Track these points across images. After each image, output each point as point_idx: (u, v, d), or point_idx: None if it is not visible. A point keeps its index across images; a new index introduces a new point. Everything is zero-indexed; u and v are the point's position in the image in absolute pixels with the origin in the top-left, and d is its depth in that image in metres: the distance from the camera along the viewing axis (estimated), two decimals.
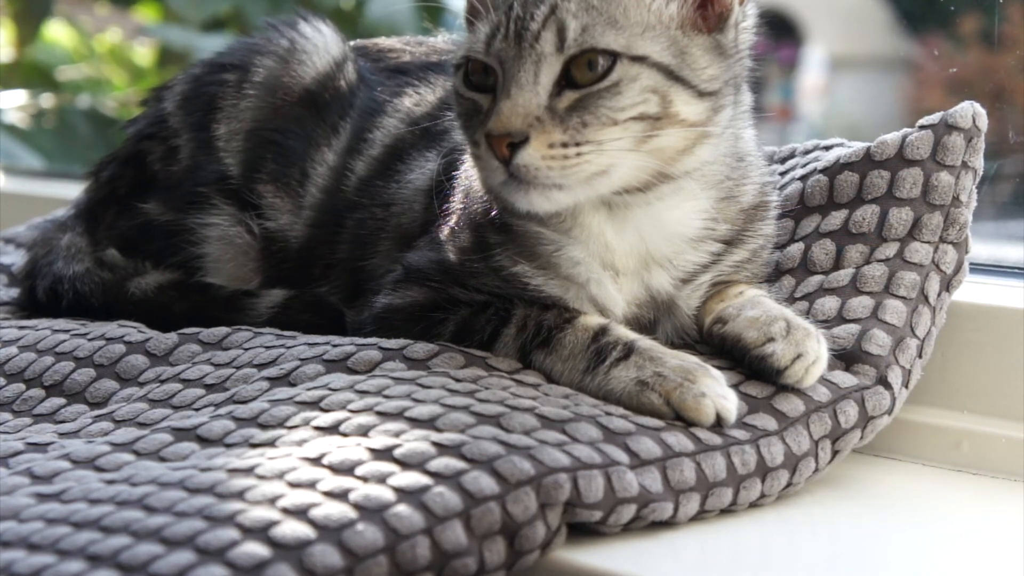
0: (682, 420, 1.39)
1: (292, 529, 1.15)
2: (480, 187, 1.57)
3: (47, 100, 4.34)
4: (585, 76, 1.42)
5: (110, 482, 1.29)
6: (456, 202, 1.64)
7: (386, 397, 1.38)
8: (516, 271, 1.55)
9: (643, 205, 1.51)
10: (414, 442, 1.28)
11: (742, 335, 1.49)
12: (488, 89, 1.47)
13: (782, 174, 1.79)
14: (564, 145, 1.40)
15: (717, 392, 1.40)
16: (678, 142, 1.45)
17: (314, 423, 1.35)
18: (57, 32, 4.48)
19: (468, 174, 1.63)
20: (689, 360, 1.43)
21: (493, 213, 1.56)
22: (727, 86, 1.49)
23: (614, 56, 1.42)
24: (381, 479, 1.22)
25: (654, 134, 1.43)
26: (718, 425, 1.39)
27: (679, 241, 1.55)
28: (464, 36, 1.54)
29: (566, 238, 1.53)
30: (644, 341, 1.46)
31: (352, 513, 1.18)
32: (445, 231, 1.63)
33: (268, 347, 1.61)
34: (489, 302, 1.56)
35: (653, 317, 1.58)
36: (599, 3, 1.43)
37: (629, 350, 1.44)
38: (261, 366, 1.56)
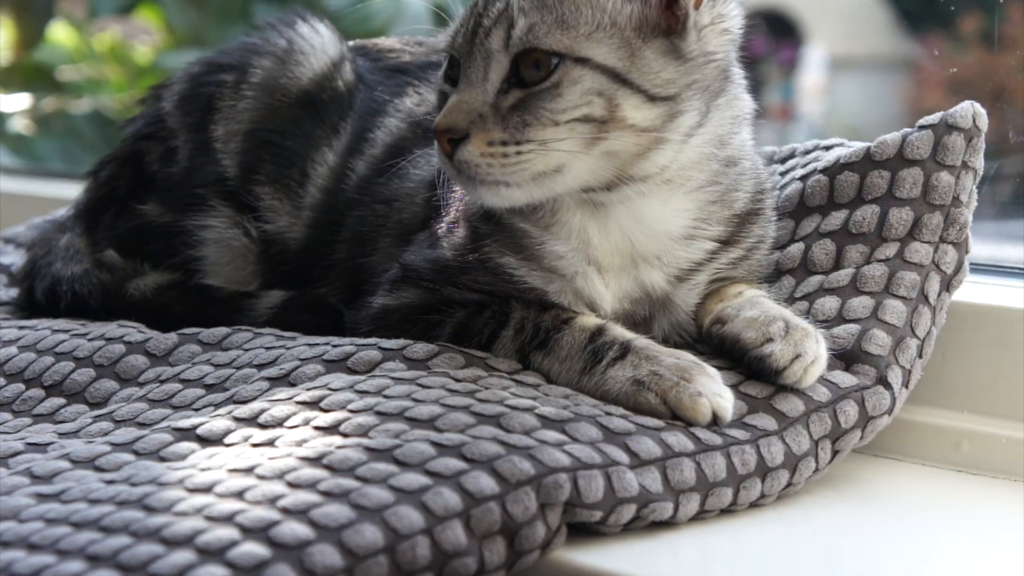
0: (679, 419, 1.39)
1: (292, 529, 1.15)
2: None
3: (49, 104, 4.33)
4: (532, 76, 1.42)
5: (110, 482, 1.29)
6: (455, 197, 1.64)
7: (386, 397, 1.38)
8: (502, 262, 1.55)
9: (620, 203, 1.51)
10: (414, 442, 1.28)
11: (741, 335, 1.49)
12: (455, 82, 1.48)
13: (782, 174, 1.79)
14: (504, 143, 1.41)
15: (713, 391, 1.40)
16: (630, 147, 1.44)
17: (314, 423, 1.35)
18: (57, 32, 4.47)
19: None
20: (685, 358, 1.43)
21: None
22: (688, 91, 1.46)
23: (559, 56, 1.42)
24: (381, 479, 1.22)
25: (602, 137, 1.42)
26: (714, 424, 1.39)
27: (666, 239, 1.55)
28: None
29: (547, 233, 1.54)
30: (640, 341, 1.46)
31: (352, 513, 1.18)
32: (443, 227, 1.63)
33: (268, 347, 1.61)
34: (484, 303, 1.56)
35: (648, 313, 1.58)
36: (552, 1, 1.43)
37: (625, 350, 1.44)
38: (261, 366, 1.56)
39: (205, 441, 1.37)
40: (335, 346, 1.55)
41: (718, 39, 1.49)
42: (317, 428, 1.35)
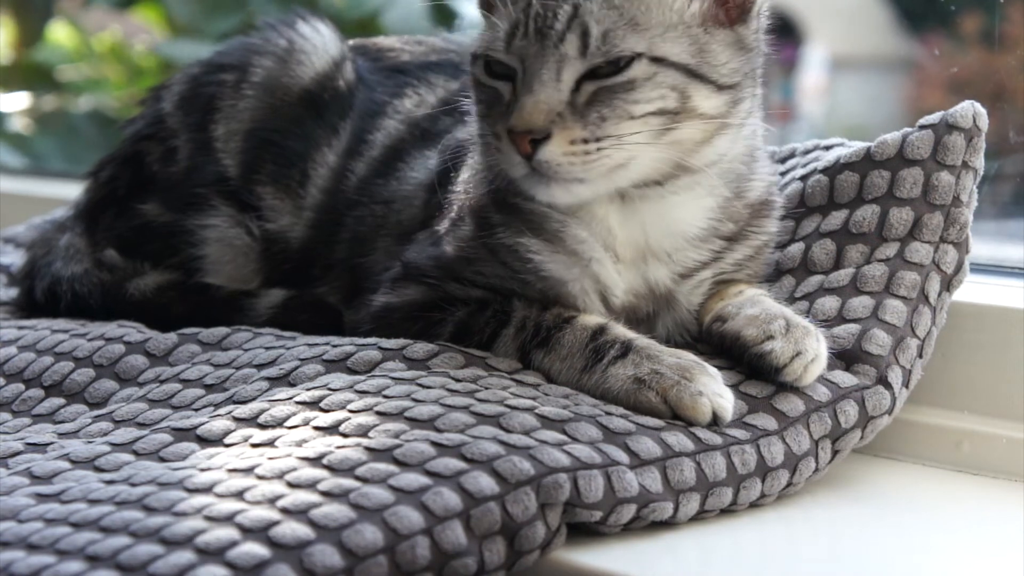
0: (679, 418, 1.39)
1: (292, 529, 1.15)
2: (487, 170, 1.56)
3: (49, 103, 4.33)
4: (605, 68, 1.43)
5: (109, 482, 1.29)
6: (457, 194, 1.64)
7: (386, 397, 1.38)
8: (521, 242, 1.54)
9: (655, 199, 1.52)
10: (414, 442, 1.28)
11: (741, 332, 1.49)
12: (509, 77, 1.47)
13: (782, 174, 1.79)
14: (585, 141, 1.41)
15: (714, 390, 1.40)
16: (696, 134, 1.46)
17: (314, 423, 1.35)
18: (57, 31, 4.47)
19: (471, 164, 1.63)
20: (687, 358, 1.43)
21: (497, 191, 1.55)
22: (747, 78, 1.51)
23: (633, 56, 1.43)
24: (381, 479, 1.22)
25: (673, 127, 1.44)
26: (714, 424, 1.39)
27: (681, 239, 1.56)
28: (486, 28, 1.52)
29: (571, 218, 1.54)
30: (642, 340, 1.46)
31: (352, 513, 1.18)
32: (445, 224, 1.63)
33: (268, 347, 1.60)
34: (487, 300, 1.56)
35: (653, 310, 1.58)
36: (621, 2, 1.44)
37: (627, 348, 1.44)
38: (261, 366, 1.56)
39: (205, 441, 1.37)
40: (335, 346, 1.55)
41: (763, 27, 1.54)
42: (317, 428, 1.34)
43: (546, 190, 1.45)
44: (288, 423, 1.37)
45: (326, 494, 1.20)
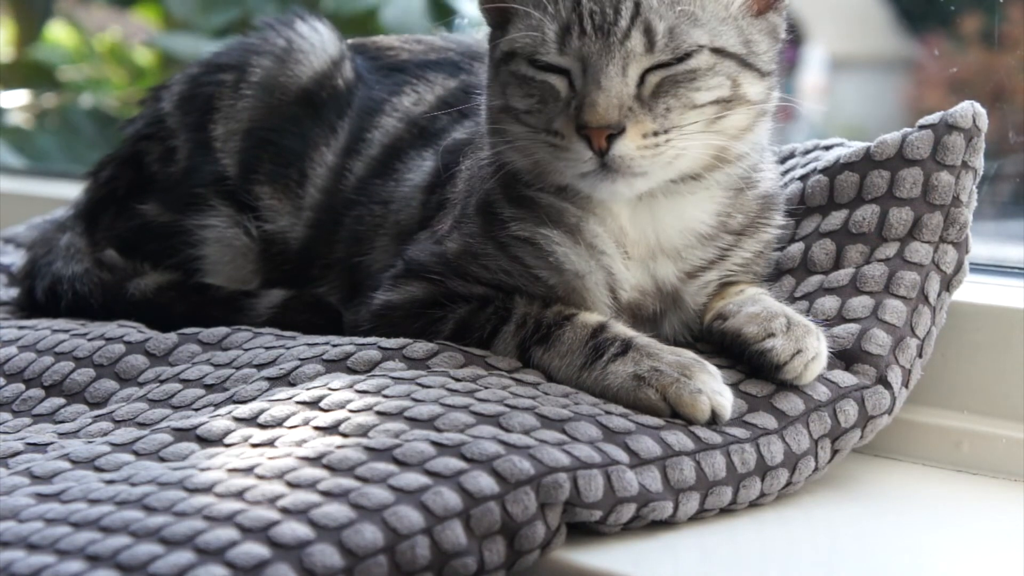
0: (678, 416, 1.39)
1: (292, 529, 1.15)
2: (490, 167, 1.56)
3: (49, 100, 4.34)
4: (666, 58, 1.44)
5: (110, 482, 1.29)
6: (459, 193, 1.64)
7: (386, 397, 1.38)
8: (543, 232, 1.54)
9: (672, 196, 1.53)
10: (414, 442, 1.28)
11: (742, 330, 1.49)
12: (559, 72, 1.47)
13: (782, 174, 1.79)
14: (655, 133, 1.43)
15: (713, 388, 1.40)
16: (742, 120, 1.49)
17: (314, 423, 1.35)
18: (57, 31, 4.48)
19: (475, 163, 1.63)
20: (686, 356, 1.43)
21: (507, 186, 1.55)
22: (777, 65, 1.55)
23: (697, 48, 1.45)
24: (381, 479, 1.22)
25: (724, 114, 1.47)
26: (713, 422, 1.39)
27: (691, 236, 1.56)
28: (519, 28, 1.50)
29: (586, 212, 1.54)
30: (642, 338, 1.46)
31: (352, 513, 1.18)
32: (448, 222, 1.63)
33: (268, 347, 1.60)
34: (489, 297, 1.56)
35: (660, 309, 1.58)
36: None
37: (626, 346, 1.45)
38: (261, 366, 1.56)
39: (205, 441, 1.37)
40: (335, 346, 1.55)
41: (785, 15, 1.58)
42: (317, 428, 1.34)
43: (610, 186, 1.45)
44: (288, 423, 1.37)
45: (326, 494, 1.20)
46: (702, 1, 1.47)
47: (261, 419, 1.39)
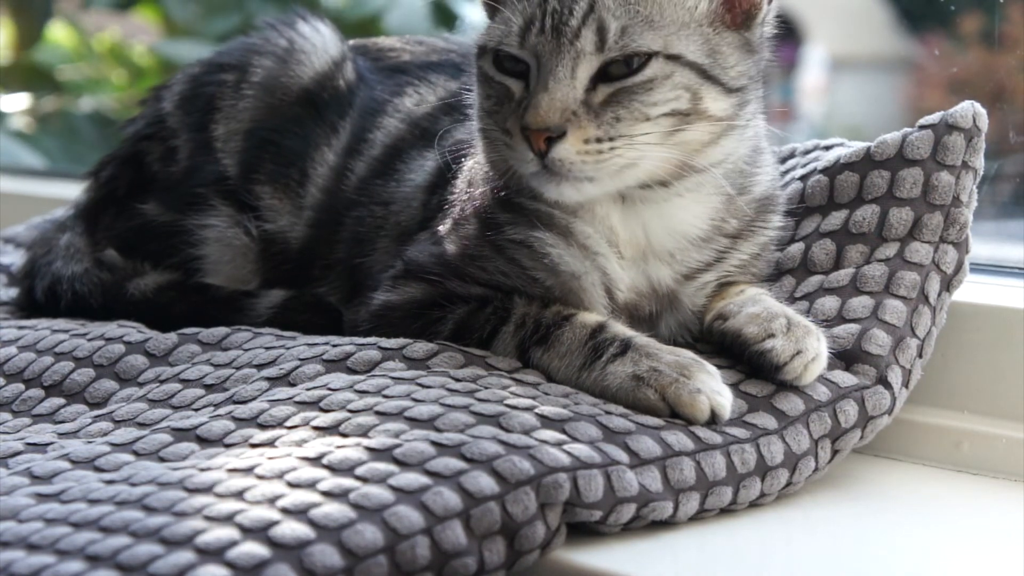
0: (677, 416, 1.39)
1: (292, 529, 1.15)
2: (492, 169, 1.57)
3: (50, 103, 4.33)
4: (620, 70, 1.44)
5: (109, 482, 1.29)
6: (459, 194, 1.64)
7: (386, 397, 1.38)
8: (536, 235, 1.54)
9: (657, 202, 1.53)
10: (414, 442, 1.28)
11: (742, 330, 1.49)
12: (519, 75, 1.48)
13: (782, 174, 1.79)
14: (598, 140, 1.42)
15: (712, 388, 1.40)
16: (702, 136, 1.47)
17: (314, 423, 1.35)
18: (57, 32, 4.47)
19: (474, 164, 1.63)
20: (685, 356, 1.43)
21: (503, 193, 1.56)
22: (752, 81, 1.52)
23: (652, 53, 1.44)
24: (381, 479, 1.22)
25: (682, 128, 1.45)
26: (712, 422, 1.39)
27: (683, 239, 1.56)
28: (495, 21, 1.52)
29: (573, 217, 1.55)
30: (641, 338, 1.46)
31: (352, 513, 1.18)
32: (447, 223, 1.63)
33: (268, 347, 1.60)
34: (488, 298, 1.56)
35: (656, 310, 1.58)
36: (636, 0, 1.44)
37: (626, 346, 1.45)
38: (261, 366, 1.56)
39: (205, 441, 1.37)
40: (335, 346, 1.55)
41: (768, 30, 1.55)
42: (317, 428, 1.34)
43: (556, 188, 1.45)
44: (288, 423, 1.37)
45: (326, 494, 1.20)
46: (660, 5, 1.45)
47: (261, 419, 1.39)
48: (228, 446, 1.35)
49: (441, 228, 1.63)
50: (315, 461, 1.26)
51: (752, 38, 1.52)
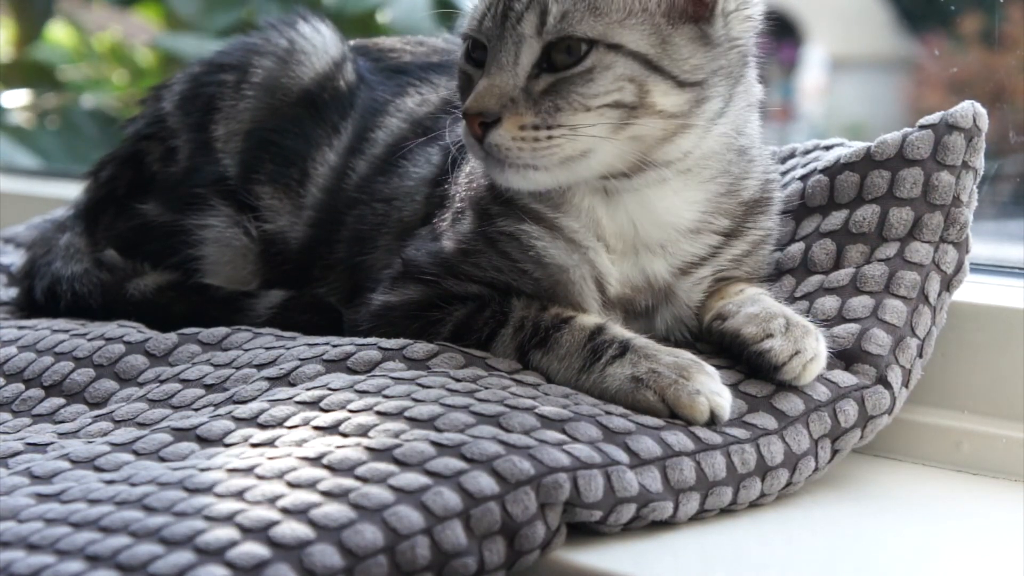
0: (677, 417, 1.39)
1: (292, 529, 1.15)
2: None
3: (50, 100, 4.34)
4: (563, 60, 1.44)
5: (109, 482, 1.29)
6: (459, 187, 1.64)
7: (386, 397, 1.38)
8: (524, 228, 1.55)
9: (632, 191, 1.53)
10: (414, 442, 1.28)
11: (741, 330, 1.49)
12: (481, 65, 1.49)
13: (782, 174, 1.79)
14: (536, 128, 1.42)
15: (711, 389, 1.40)
16: (656, 131, 1.46)
17: (314, 423, 1.35)
18: (57, 31, 4.48)
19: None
20: (684, 357, 1.43)
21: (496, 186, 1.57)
22: (714, 76, 1.48)
23: (591, 43, 1.43)
24: (381, 479, 1.22)
25: (631, 122, 1.44)
26: (712, 423, 1.39)
27: (672, 230, 1.56)
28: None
29: (558, 212, 1.55)
30: (640, 339, 1.47)
31: (352, 513, 1.18)
32: (447, 218, 1.63)
33: (268, 347, 1.61)
34: (485, 298, 1.56)
35: (652, 304, 1.58)
36: None
37: (624, 348, 1.45)
38: (261, 366, 1.56)
39: (205, 441, 1.37)
40: (335, 346, 1.55)
41: (741, 25, 1.52)
42: (317, 428, 1.34)
43: (501, 174, 1.46)
44: (288, 423, 1.37)
45: (326, 494, 1.20)
46: None
47: (261, 419, 1.39)
48: (228, 446, 1.35)
49: (441, 224, 1.64)
50: (315, 461, 1.26)
51: (711, 31, 1.48)
